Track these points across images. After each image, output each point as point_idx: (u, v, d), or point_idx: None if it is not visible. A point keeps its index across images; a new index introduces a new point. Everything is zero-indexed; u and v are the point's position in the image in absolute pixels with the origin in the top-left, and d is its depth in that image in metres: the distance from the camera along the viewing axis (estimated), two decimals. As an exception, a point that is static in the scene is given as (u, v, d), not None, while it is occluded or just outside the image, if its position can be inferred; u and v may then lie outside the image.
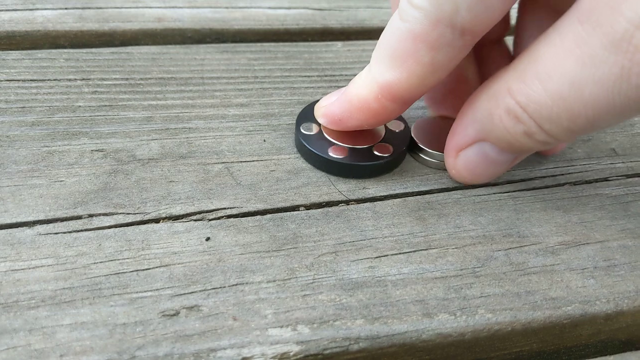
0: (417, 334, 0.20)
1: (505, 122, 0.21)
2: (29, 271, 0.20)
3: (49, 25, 0.32)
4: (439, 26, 0.20)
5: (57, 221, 0.22)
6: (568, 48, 0.19)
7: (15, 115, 0.26)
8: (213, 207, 0.23)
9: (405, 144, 0.26)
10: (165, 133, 0.26)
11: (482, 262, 0.22)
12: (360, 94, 0.23)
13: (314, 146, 0.25)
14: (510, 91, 0.21)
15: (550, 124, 0.20)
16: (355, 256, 0.22)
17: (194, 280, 0.20)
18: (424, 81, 0.22)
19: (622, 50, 0.18)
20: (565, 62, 0.19)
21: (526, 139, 0.22)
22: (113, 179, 0.24)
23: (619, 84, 0.18)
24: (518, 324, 0.21)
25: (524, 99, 0.20)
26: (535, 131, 0.21)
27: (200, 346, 0.18)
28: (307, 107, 0.27)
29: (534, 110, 0.20)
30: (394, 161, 0.26)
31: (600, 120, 0.20)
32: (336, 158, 0.25)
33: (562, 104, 0.19)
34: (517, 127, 0.21)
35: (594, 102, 0.19)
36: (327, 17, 0.37)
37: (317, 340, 0.19)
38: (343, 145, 0.25)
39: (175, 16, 0.35)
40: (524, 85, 0.20)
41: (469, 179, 0.25)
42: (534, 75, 0.20)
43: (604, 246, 0.24)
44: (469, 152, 0.24)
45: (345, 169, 0.25)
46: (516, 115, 0.21)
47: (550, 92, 0.20)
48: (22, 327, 0.18)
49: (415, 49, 0.21)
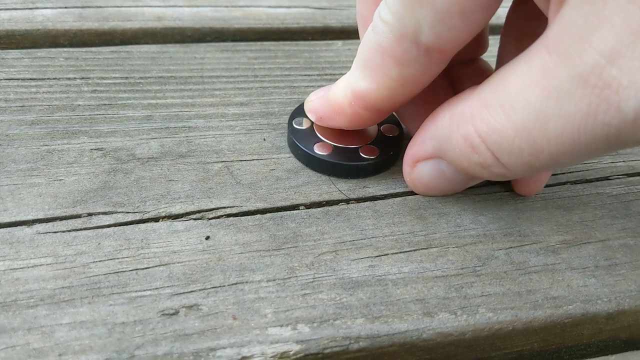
0: (418, 333, 0.20)
1: (462, 148, 0.21)
2: (27, 270, 0.20)
3: (48, 24, 0.32)
4: (404, 42, 0.20)
5: (56, 220, 0.22)
6: (535, 78, 0.18)
7: (14, 114, 0.26)
8: (213, 206, 0.23)
9: (396, 149, 0.26)
10: (165, 132, 0.26)
11: (483, 261, 0.22)
12: (337, 98, 0.24)
13: (301, 141, 0.25)
14: (472, 117, 0.20)
15: (509, 157, 0.19)
16: (355, 255, 0.22)
17: (194, 279, 0.20)
18: (393, 93, 0.22)
19: (591, 85, 0.16)
20: (531, 93, 0.18)
21: (481, 169, 0.21)
22: (112, 177, 0.24)
23: (584, 121, 0.17)
24: (519, 323, 0.21)
25: (485, 128, 0.19)
26: (491, 163, 0.20)
27: (199, 345, 0.18)
28: (300, 105, 0.27)
29: (493, 141, 0.19)
30: (378, 164, 0.25)
31: (563, 157, 0.18)
32: (320, 155, 0.25)
33: (525, 136, 0.18)
34: (472, 156, 0.20)
35: (558, 137, 0.18)
36: (328, 16, 0.37)
37: (317, 340, 0.19)
38: (330, 142, 0.25)
39: (175, 15, 0.34)
40: (487, 114, 0.19)
41: (422, 191, 0.25)
42: (497, 103, 0.19)
43: (605, 245, 0.24)
44: (426, 165, 0.23)
45: (326, 166, 0.25)
46: (473, 144, 0.20)
47: (514, 124, 0.18)
48: (20, 326, 0.18)
49: (383, 62, 0.21)
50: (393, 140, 0.26)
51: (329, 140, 0.25)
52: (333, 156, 0.25)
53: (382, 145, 0.26)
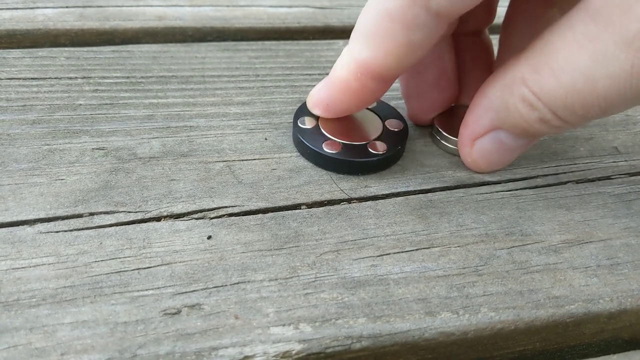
0: (420, 333, 0.20)
1: (520, 109, 0.22)
2: (29, 269, 0.20)
3: (49, 23, 0.32)
4: (414, 7, 0.21)
5: (58, 219, 0.22)
6: (580, 43, 0.20)
7: (16, 114, 0.26)
8: (214, 205, 0.23)
9: (402, 143, 0.26)
10: (167, 131, 0.26)
11: (485, 261, 0.22)
12: (341, 75, 0.24)
13: (309, 140, 0.25)
14: (524, 81, 0.22)
15: (564, 112, 0.21)
16: (357, 254, 0.22)
17: (196, 278, 0.20)
18: (401, 60, 0.22)
19: (633, 49, 0.19)
20: (579, 57, 0.20)
21: (541, 124, 0.22)
22: (114, 177, 0.24)
23: (629, 80, 0.19)
24: (521, 323, 0.21)
25: (538, 89, 0.21)
26: (550, 118, 0.22)
27: (201, 345, 0.18)
28: (304, 104, 0.27)
29: (548, 99, 0.21)
30: (388, 159, 0.26)
31: (612, 109, 0.21)
32: (329, 153, 0.25)
33: (576, 95, 0.20)
34: (532, 114, 0.22)
35: (606, 94, 0.20)
36: (329, 15, 0.37)
37: (319, 339, 0.19)
38: (338, 140, 0.25)
39: (176, 14, 0.34)
40: (538, 76, 0.21)
41: (484, 167, 0.26)
42: (547, 67, 0.21)
43: (607, 244, 0.24)
44: (485, 140, 0.25)
45: (337, 164, 0.25)
46: (531, 103, 0.22)
47: (564, 85, 0.21)
48: (22, 325, 0.18)
49: (391, 28, 0.22)
50: (398, 134, 0.26)
51: (336, 138, 0.25)
52: (343, 154, 0.25)
53: (388, 140, 0.26)
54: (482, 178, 0.26)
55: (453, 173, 0.26)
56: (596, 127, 0.30)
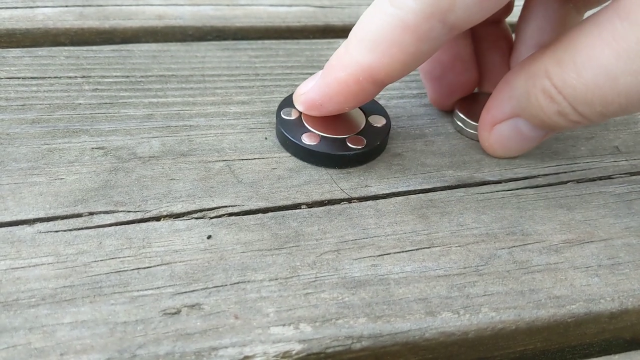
0: (420, 333, 0.20)
1: (540, 101, 0.23)
2: (29, 269, 0.20)
3: (49, 22, 0.32)
4: (431, 20, 0.21)
5: (58, 219, 0.22)
6: (605, 40, 0.20)
7: (15, 113, 0.26)
8: (214, 205, 0.23)
9: (382, 139, 0.26)
10: (166, 131, 0.26)
11: (486, 261, 0.22)
12: (339, 77, 0.23)
13: (289, 131, 0.25)
14: (547, 73, 0.22)
15: (584, 107, 0.22)
16: (357, 254, 0.22)
17: (195, 278, 0.20)
18: (406, 67, 0.23)
19: None
20: (602, 53, 0.20)
21: (559, 117, 0.23)
22: (114, 176, 0.23)
23: None
24: (522, 323, 0.20)
25: (560, 83, 0.22)
26: (569, 112, 0.22)
27: (201, 345, 0.18)
28: (290, 95, 0.27)
29: (569, 93, 0.22)
30: (366, 154, 0.26)
31: (632, 107, 0.21)
32: (307, 144, 0.25)
33: (597, 91, 0.21)
34: (551, 106, 0.23)
35: (627, 91, 0.20)
36: (329, 14, 0.37)
37: (320, 339, 0.19)
38: (317, 132, 0.25)
39: (176, 13, 0.34)
40: (561, 70, 0.22)
41: (500, 152, 0.26)
42: (571, 62, 0.21)
43: (608, 244, 0.24)
44: (503, 126, 0.25)
45: (314, 156, 0.25)
46: (551, 95, 0.22)
47: (586, 80, 0.21)
48: (22, 325, 0.18)
49: (402, 38, 0.22)
50: (379, 130, 0.26)
51: (317, 131, 0.25)
52: (320, 146, 0.25)
53: (368, 135, 0.26)
54: (482, 178, 0.26)
55: (454, 172, 0.26)
56: (597, 127, 0.30)
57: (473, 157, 0.27)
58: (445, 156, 0.27)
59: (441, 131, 0.28)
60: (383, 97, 0.30)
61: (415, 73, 0.32)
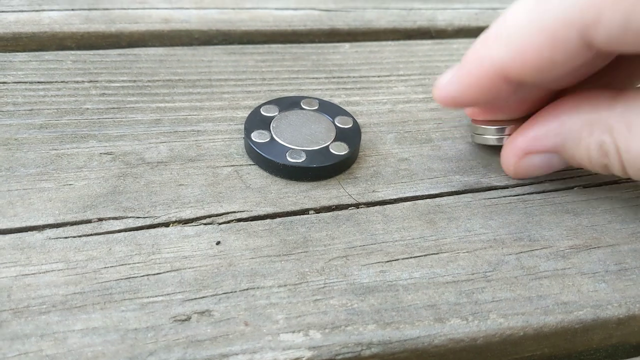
0: (429, 339, 0.20)
1: (592, 151, 0.23)
2: (39, 276, 0.20)
3: (55, 26, 0.32)
4: (570, 29, 0.20)
5: (67, 225, 0.22)
6: None
7: (23, 118, 0.26)
8: (223, 210, 0.23)
9: (358, 138, 0.26)
10: (174, 136, 0.26)
11: (494, 266, 0.22)
12: (472, 71, 0.23)
13: (270, 153, 0.25)
14: (611, 130, 0.22)
15: (634, 171, 0.22)
16: (366, 260, 0.22)
17: (205, 284, 0.20)
18: (538, 73, 0.22)
19: None
20: None
21: (602, 169, 0.23)
22: (122, 182, 0.24)
23: None
24: (530, 329, 0.21)
25: (624, 146, 0.21)
26: (616, 170, 0.22)
27: (212, 352, 0.18)
28: (252, 114, 0.27)
29: (628, 158, 0.21)
30: (353, 157, 0.26)
31: None
32: (295, 163, 0.24)
33: None
34: (601, 160, 0.22)
35: None
36: (334, 18, 0.37)
37: (329, 346, 0.19)
38: (299, 148, 0.25)
39: (182, 17, 0.34)
40: (629, 135, 0.21)
41: (520, 176, 0.26)
42: None
43: (615, 250, 0.24)
44: (538, 158, 0.25)
45: (304, 172, 0.25)
46: (607, 152, 0.22)
47: None
48: (33, 332, 0.18)
49: (537, 39, 0.21)
50: (352, 131, 0.27)
51: (296, 147, 0.25)
52: (309, 161, 0.25)
53: (346, 139, 0.26)
54: (490, 183, 0.26)
55: (461, 177, 0.26)
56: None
57: (480, 162, 0.27)
58: (452, 161, 0.27)
59: (448, 136, 0.28)
60: (389, 102, 0.30)
61: (420, 77, 0.32)
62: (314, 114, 0.27)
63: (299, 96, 0.28)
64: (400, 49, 0.35)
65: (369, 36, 0.36)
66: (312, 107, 0.27)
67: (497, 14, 0.39)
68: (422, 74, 0.33)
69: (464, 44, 0.36)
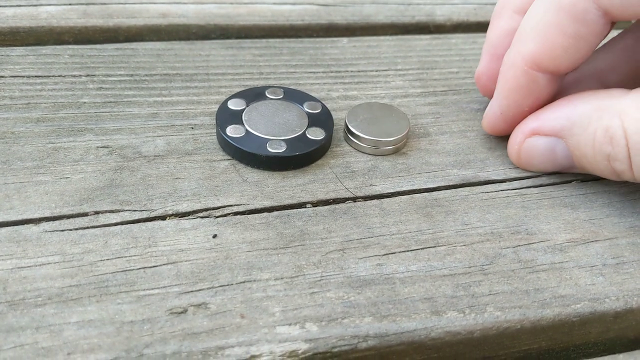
0: (426, 332, 0.20)
1: (598, 136, 0.22)
2: (35, 268, 0.20)
3: (53, 21, 0.32)
4: (585, 1, 0.21)
5: (63, 218, 0.22)
6: None
7: (20, 112, 0.26)
8: (219, 204, 0.23)
9: (331, 121, 0.26)
10: (171, 129, 0.26)
11: (491, 260, 0.22)
12: (508, 75, 0.24)
13: (250, 147, 0.24)
14: (622, 113, 0.22)
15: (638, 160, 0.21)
16: (362, 253, 0.22)
17: (201, 277, 0.20)
18: (567, 53, 0.23)
19: None
20: None
21: (604, 161, 0.22)
22: (119, 175, 0.23)
23: None
24: (527, 322, 0.21)
25: (633, 128, 0.21)
26: (620, 158, 0.22)
27: (208, 344, 0.18)
28: (220, 110, 0.26)
29: (636, 141, 0.21)
30: (330, 140, 0.26)
31: None
32: (277, 153, 0.24)
33: None
34: (604, 147, 0.22)
35: None
36: (332, 12, 0.36)
37: (326, 338, 0.19)
38: (279, 138, 0.25)
39: (179, 12, 0.34)
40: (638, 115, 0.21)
41: (522, 162, 0.26)
42: None
43: (613, 243, 0.24)
44: (541, 140, 0.25)
45: (286, 161, 0.25)
46: (612, 136, 0.22)
47: None
48: (29, 325, 0.18)
49: (558, 19, 0.22)
50: (323, 115, 0.27)
51: (275, 137, 0.25)
52: (290, 150, 0.25)
53: (320, 123, 0.26)
54: (487, 177, 0.26)
55: (458, 171, 0.26)
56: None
57: (477, 157, 0.27)
58: (449, 155, 0.27)
59: (445, 130, 0.28)
60: (387, 96, 0.30)
61: (418, 72, 0.32)
62: (282, 103, 0.27)
63: (263, 86, 0.28)
64: (398, 43, 0.35)
65: (367, 31, 0.36)
66: (278, 96, 0.27)
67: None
68: (420, 68, 0.33)
69: (463, 39, 0.36)
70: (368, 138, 0.26)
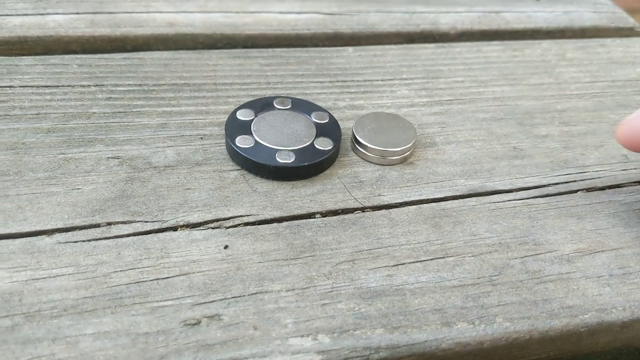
0: (437, 343, 0.20)
1: None
2: (50, 280, 0.20)
3: (60, 30, 0.32)
4: None
5: (76, 229, 0.22)
6: None
7: (30, 122, 0.26)
8: (230, 214, 0.23)
9: (339, 131, 0.27)
10: (181, 140, 0.26)
11: (499, 270, 0.22)
12: None
13: (259, 157, 0.25)
14: None
15: None
16: (372, 264, 0.22)
17: (214, 289, 0.20)
18: None
19: None
20: None
21: None
22: (130, 186, 0.24)
23: None
24: (536, 333, 0.21)
25: None
26: None
27: (222, 355, 0.19)
28: (229, 120, 0.26)
29: None
30: (338, 151, 0.26)
31: None
32: (286, 164, 0.25)
33: None
34: None
35: None
36: (338, 21, 0.37)
37: (338, 350, 0.19)
38: (288, 149, 0.25)
39: (186, 21, 0.35)
40: None
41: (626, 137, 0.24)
42: None
43: (619, 254, 0.24)
44: None
45: (295, 172, 0.25)
46: None
47: None
48: (45, 336, 0.18)
49: None
50: (330, 125, 0.27)
51: (283, 147, 0.25)
52: (299, 160, 0.25)
53: (328, 134, 0.26)
54: (494, 187, 0.26)
55: (465, 182, 0.26)
56: (606, 135, 0.30)
57: (484, 166, 0.27)
58: (456, 165, 0.27)
59: (451, 139, 0.29)
60: (393, 105, 0.30)
61: (423, 81, 0.32)
62: (290, 113, 0.27)
63: (271, 96, 0.28)
64: (403, 52, 0.35)
65: (372, 40, 0.36)
66: (286, 106, 0.28)
67: (500, 17, 0.39)
68: (426, 77, 0.33)
69: (467, 47, 0.36)
70: (376, 148, 0.26)
